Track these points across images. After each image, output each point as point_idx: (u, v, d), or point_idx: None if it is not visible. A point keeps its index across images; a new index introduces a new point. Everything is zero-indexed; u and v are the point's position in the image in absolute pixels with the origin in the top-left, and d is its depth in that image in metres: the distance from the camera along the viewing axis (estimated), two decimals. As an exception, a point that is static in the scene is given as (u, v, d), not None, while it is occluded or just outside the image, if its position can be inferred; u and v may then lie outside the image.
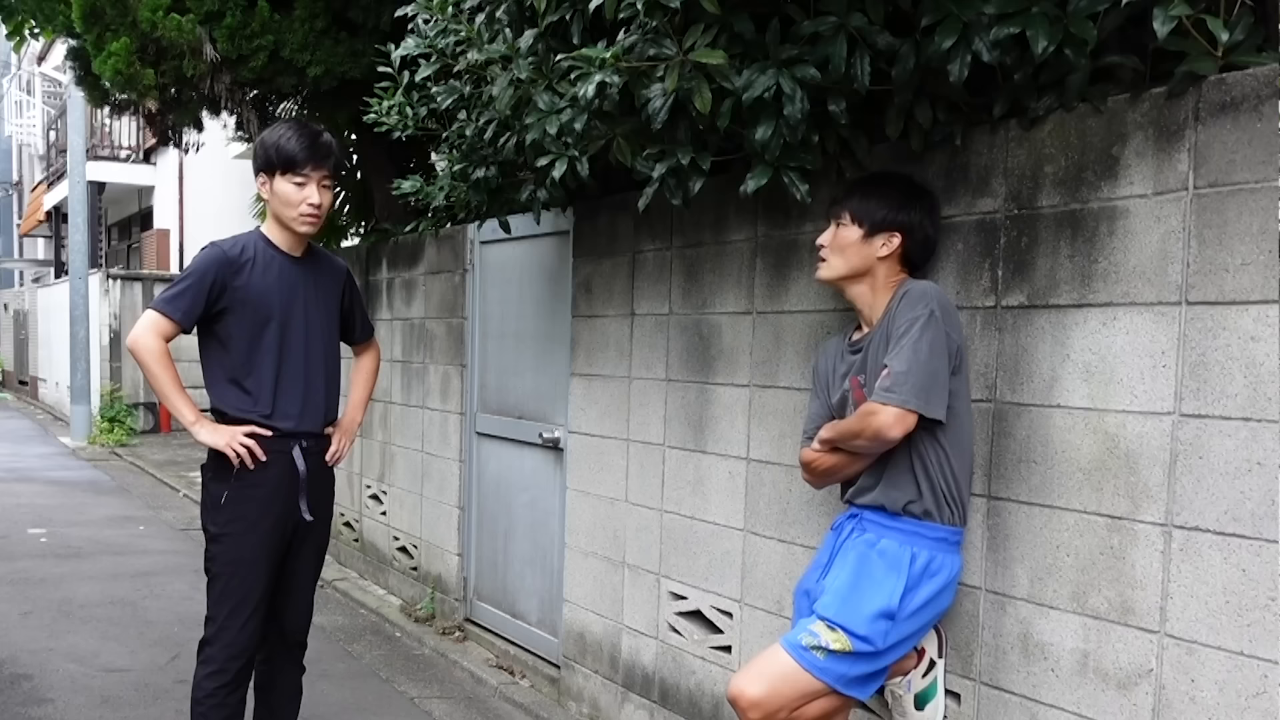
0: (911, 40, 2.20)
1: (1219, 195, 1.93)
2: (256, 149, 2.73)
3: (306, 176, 2.67)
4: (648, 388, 3.38)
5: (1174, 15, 1.85)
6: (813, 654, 2.15)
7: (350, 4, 4.91)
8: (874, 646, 2.15)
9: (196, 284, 2.63)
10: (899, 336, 2.13)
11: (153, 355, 2.61)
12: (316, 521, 2.85)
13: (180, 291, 2.63)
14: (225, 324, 2.68)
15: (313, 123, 2.78)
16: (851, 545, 2.28)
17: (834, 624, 2.17)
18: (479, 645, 4.55)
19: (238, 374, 2.69)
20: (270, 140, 2.69)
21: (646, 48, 2.37)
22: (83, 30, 5.15)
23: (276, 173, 2.68)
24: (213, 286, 2.64)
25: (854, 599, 2.18)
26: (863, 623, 2.15)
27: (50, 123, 18.63)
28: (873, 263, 2.29)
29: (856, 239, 2.29)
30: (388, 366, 5.38)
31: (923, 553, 2.20)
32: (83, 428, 11.83)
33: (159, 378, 2.63)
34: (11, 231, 27.84)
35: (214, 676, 2.70)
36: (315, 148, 2.67)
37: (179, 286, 2.64)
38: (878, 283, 2.30)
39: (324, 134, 2.73)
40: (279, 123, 2.79)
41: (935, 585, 2.21)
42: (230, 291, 2.65)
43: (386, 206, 5.75)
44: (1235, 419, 1.90)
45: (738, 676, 2.23)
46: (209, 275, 2.64)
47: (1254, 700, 1.88)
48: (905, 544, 2.21)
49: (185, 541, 6.61)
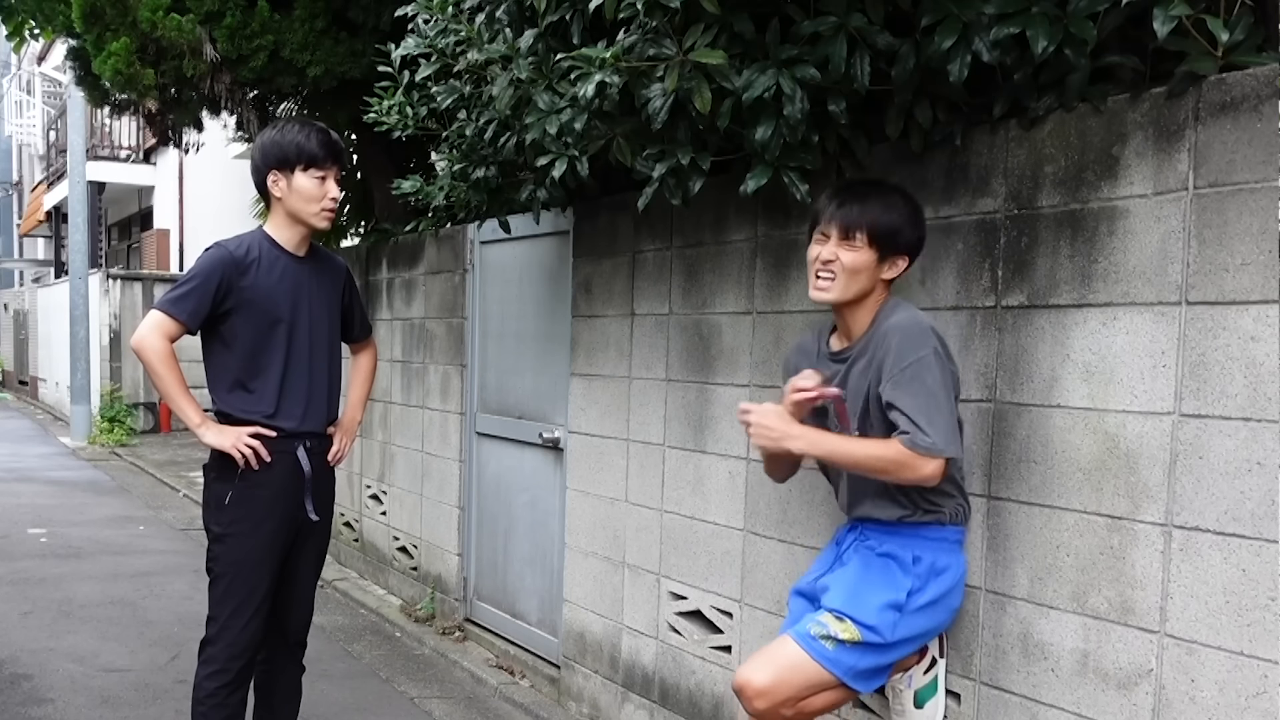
0: (911, 40, 2.20)
1: (1219, 195, 1.93)
2: (267, 147, 2.72)
3: (327, 171, 2.71)
4: (648, 388, 3.38)
5: (1174, 15, 1.85)
6: (822, 643, 2.15)
7: (350, 4, 4.91)
8: (882, 638, 2.14)
9: (202, 285, 2.63)
10: (910, 378, 2.07)
11: (158, 356, 2.61)
12: (319, 521, 2.85)
13: (186, 292, 2.63)
14: (231, 324, 2.68)
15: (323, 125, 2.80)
16: (854, 551, 2.31)
17: (842, 614, 2.16)
18: (479, 645, 4.55)
19: (242, 374, 2.69)
20: (288, 139, 2.69)
21: (646, 48, 2.38)
22: (83, 30, 5.15)
23: (297, 169, 2.69)
24: (219, 288, 2.64)
25: (861, 591, 2.19)
26: (871, 613, 2.15)
27: (50, 123, 18.63)
28: (876, 284, 2.21)
29: (871, 263, 2.17)
30: (387, 366, 5.38)
31: (925, 554, 2.22)
32: (83, 428, 11.84)
33: (164, 379, 2.63)
34: (11, 231, 27.85)
35: (215, 676, 2.70)
36: (332, 144, 2.73)
37: (185, 287, 2.64)
38: (870, 301, 2.23)
39: (333, 132, 2.78)
40: (286, 121, 2.79)
41: (944, 584, 2.22)
42: (236, 292, 2.65)
43: (386, 206, 5.75)
44: (1235, 419, 1.90)
45: (744, 666, 2.22)
46: (215, 276, 2.64)
47: (1254, 700, 1.88)
48: (907, 547, 2.23)
49: (185, 541, 6.61)
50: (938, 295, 2.45)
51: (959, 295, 2.40)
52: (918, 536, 2.23)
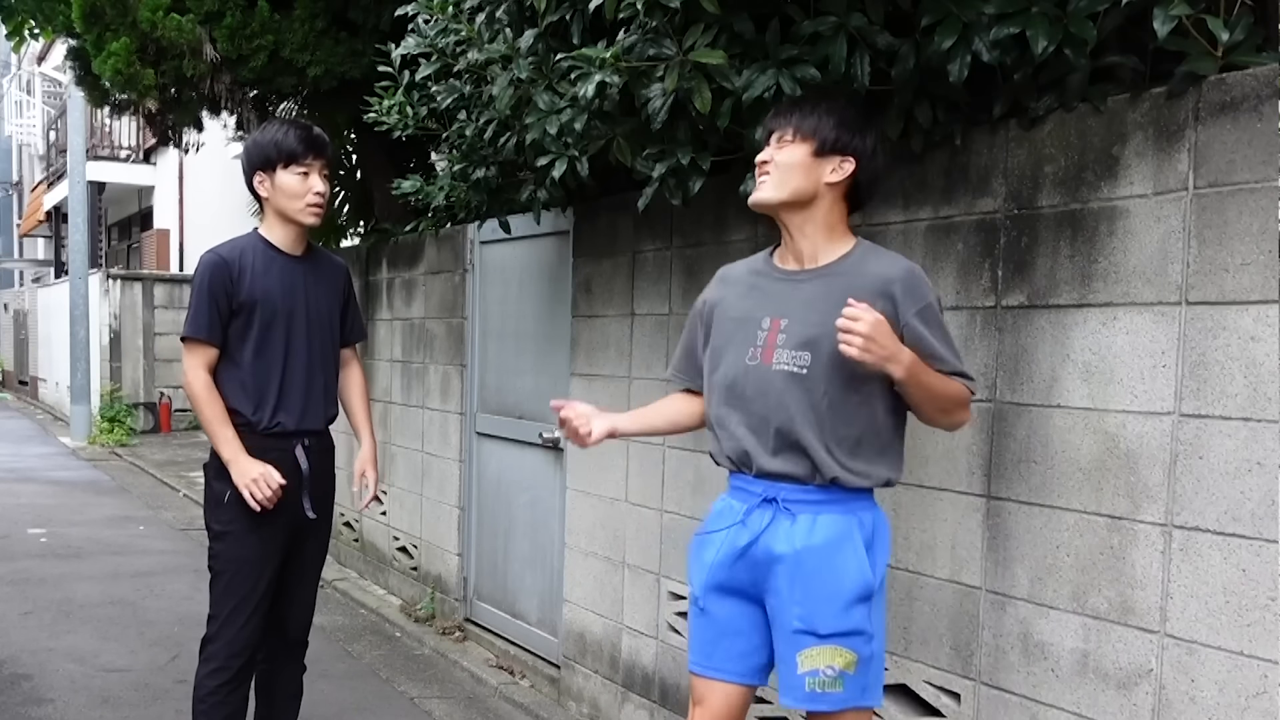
0: (911, 40, 2.20)
1: (1219, 195, 1.93)
2: (249, 150, 2.76)
3: (309, 166, 2.72)
4: (648, 388, 3.38)
5: (1174, 15, 1.85)
6: (830, 692, 1.96)
7: (350, 4, 4.91)
8: (870, 633, 1.98)
9: (207, 297, 2.66)
10: (929, 332, 1.95)
11: (198, 388, 2.67)
12: (319, 520, 2.85)
13: (195, 312, 2.68)
14: (231, 325, 2.70)
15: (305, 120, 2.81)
16: (786, 536, 2.01)
17: (833, 638, 1.96)
18: (479, 645, 4.55)
19: (240, 374, 2.70)
20: (266, 138, 2.72)
21: (646, 48, 2.38)
22: (83, 30, 5.15)
23: (278, 167, 2.70)
24: (220, 293, 2.67)
25: (831, 595, 1.96)
26: (847, 617, 1.96)
27: (50, 123, 18.63)
28: (819, 189, 2.02)
29: (804, 157, 2.01)
30: (387, 366, 5.38)
31: (866, 516, 2.03)
32: (83, 428, 11.84)
33: (202, 414, 2.69)
34: (11, 231, 27.84)
35: (216, 674, 2.70)
36: (312, 138, 2.73)
37: (193, 308, 2.69)
38: (818, 215, 2.03)
39: (314, 126, 2.78)
40: (269, 122, 2.82)
41: (884, 545, 2.06)
42: (235, 294, 2.68)
43: (386, 206, 5.75)
44: (1235, 419, 1.90)
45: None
46: (214, 284, 2.67)
47: (1254, 700, 1.88)
48: (850, 512, 2.00)
49: (185, 541, 6.61)
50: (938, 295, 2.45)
51: (959, 295, 2.40)
52: (856, 499, 2.01)
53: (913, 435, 2.49)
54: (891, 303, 1.96)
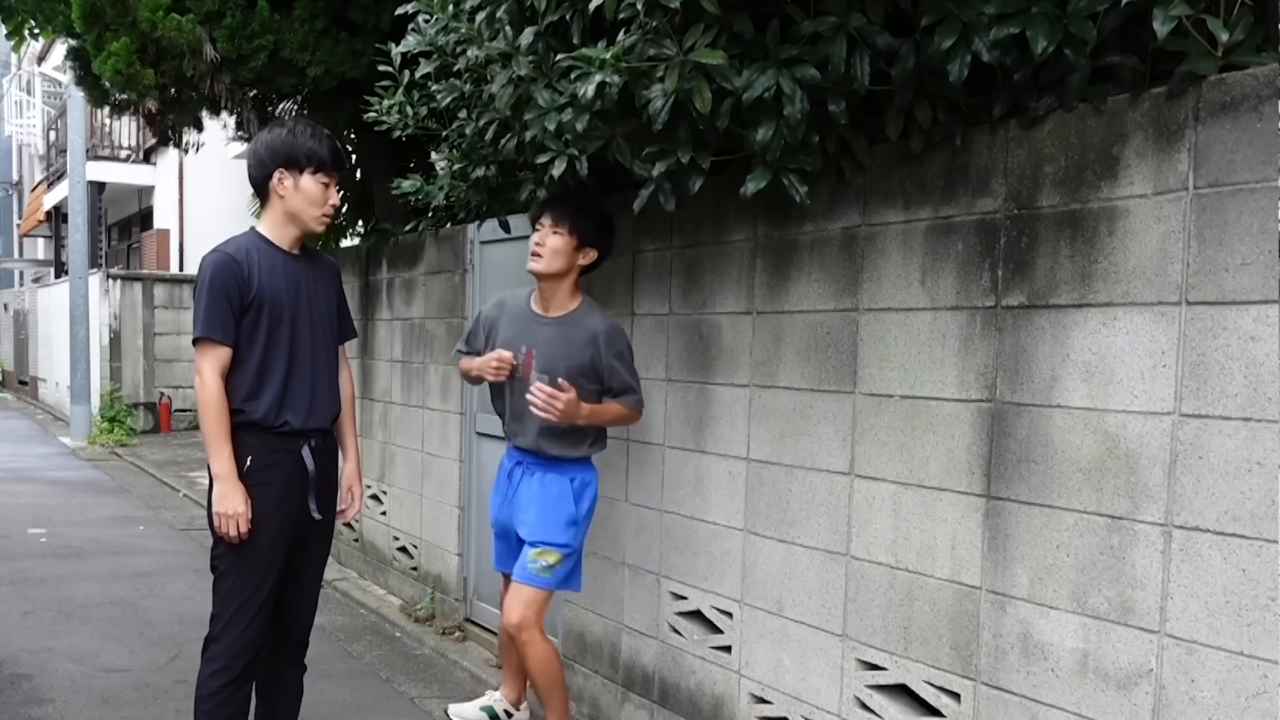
0: (911, 40, 2.20)
1: (1219, 195, 1.93)
2: (276, 145, 2.72)
3: (331, 178, 2.75)
4: (648, 387, 3.38)
5: (1174, 15, 1.85)
6: (542, 575, 3.06)
7: (350, 4, 4.91)
8: (572, 547, 3.11)
9: (221, 296, 2.63)
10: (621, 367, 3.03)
11: (212, 400, 2.62)
12: (323, 520, 2.86)
13: (208, 313, 2.63)
14: (239, 325, 2.68)
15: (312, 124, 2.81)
16: (525, 486, 3.16)
17: (543, 544, 3.05)
18: (479, 645, 4.55)
19: (248, 374, 2.68)
20: (300, 140, 2.70)
21: (646, 48, 2.38)
22: (83, 30, 5.15)
23: (305, 171, 2.71)
24: (234, 292, 2.64)
25: (547, 519, 3.07)
26: (559, 533, 3.06)
27: (50, 123, 18.63)
28: (572, 266, 3.06)
29: (570, 248, 3.03)
30: (387, 366, 5.38)
31: (578, 475, 3.13)
32: (83, 428, 11.83)
33: (206, 422, 2.64)
34: (11, 231, 27.84)
35: (219, 674, 2.70)
36: (339, 153, 2.79)
37: (203, 309, 2.63)
38: (566, 283, 3.08)
39: (336, 140, 2.82)
40: (295, 123, 2.78)
41: (591, 494, 3.16)
42: (245, 293, 2.66)
43: (386, 206, 5.74)
44: (1235, 419, 1.90)
45: (505, 614, 3.10)
46: (226, 282, 2.64)
47: (1254, 700, 1.88)
48: (565, 473, 3.12)
49: (185, 541, 6.61)
50: (938, 295, 2.45)
51: (959, 295, 2.40)
52: (573, 465, 3.12)
53: (913, 435, 2.50)
54: (597, 347, 3.01)
